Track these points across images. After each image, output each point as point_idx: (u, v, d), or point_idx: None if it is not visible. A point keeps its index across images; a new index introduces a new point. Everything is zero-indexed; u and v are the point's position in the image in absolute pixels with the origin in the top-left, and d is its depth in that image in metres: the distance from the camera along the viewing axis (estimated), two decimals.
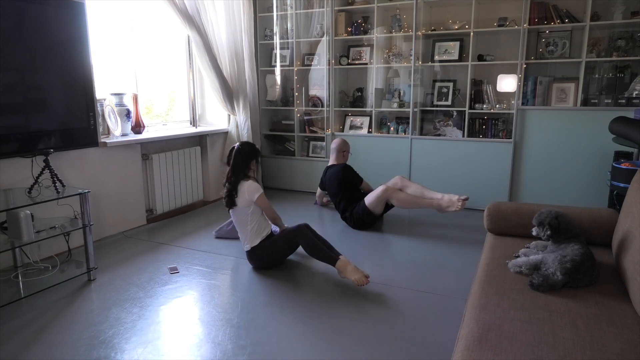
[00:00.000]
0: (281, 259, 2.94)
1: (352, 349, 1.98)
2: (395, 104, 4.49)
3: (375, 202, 3.48)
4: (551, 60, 3.89)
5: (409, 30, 4.26)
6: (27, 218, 2.35)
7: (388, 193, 3.45)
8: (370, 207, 3.50)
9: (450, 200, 3.39)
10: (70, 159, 3.09)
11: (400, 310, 2.32)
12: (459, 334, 1.42)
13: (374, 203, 3.48)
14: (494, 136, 4.11)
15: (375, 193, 3.48)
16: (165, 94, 4.31)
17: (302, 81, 4.88)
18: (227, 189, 2.84)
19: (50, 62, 2.81)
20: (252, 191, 2.79)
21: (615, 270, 1.82)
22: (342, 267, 2.61)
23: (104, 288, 2.60)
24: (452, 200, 3.37)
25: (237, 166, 2.84)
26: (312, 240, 2.73)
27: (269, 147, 5.15)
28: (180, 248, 3.26)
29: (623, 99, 3.66)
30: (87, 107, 3.03)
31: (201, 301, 2.46)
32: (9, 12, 2.55)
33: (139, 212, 3.69)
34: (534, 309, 1.49)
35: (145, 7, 3.85)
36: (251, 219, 2.83)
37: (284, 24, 4.82)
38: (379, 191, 3.46)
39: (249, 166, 2.88)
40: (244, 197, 2.79)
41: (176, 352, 1.97)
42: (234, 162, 2.85)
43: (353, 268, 2.58)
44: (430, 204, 3.45)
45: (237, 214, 2.85)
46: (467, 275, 2.64)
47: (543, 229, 1.86)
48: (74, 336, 2.09)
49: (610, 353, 1.25)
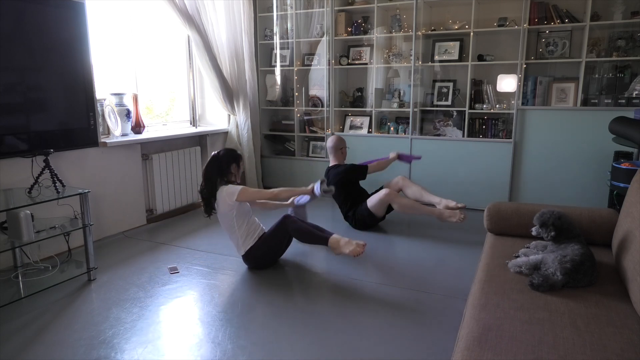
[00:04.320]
0: (276, 257, 2.93)
1: (352, 348, 1.98)
2: (395, 104, 4.49)
3: (378, 206, 3.49)
4: (551, 60, 3.89)
5: (409, 30, 4.26)
6: (27, 218, 2.35)
7: (390, 197, 3.44)
8: (373, 209, 3.50)
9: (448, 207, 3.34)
10: (70, 159, 3.09)
11: (400, 310, 2.32)
12: (459, 334, 1.42)
13: (377, 206, 3.49)
14: (494, 136, 4.11)
15: (378, 196, 3.47)
16: (165, 94, 4.31)
17: (302, 81, 4.88)
18: (203, 197, 2.79)
19: (50, 62, 2.81)
20: (231, 193, 2.70)
21: (615, 270, 1.82)
22: (335, 244, 2.64)
23: (104, 288, 2.60)
24: (454, 212, 3.32)
25: (210, 173, 2.78)
26: (300, 228, 2.74)
27: (269, 147, 5.15)
28: (180, 248, 3.26)
29: (623, 99, 3.67)
30: (87, 107, 3.03)
31: (201, 301, 2.46)
32: (9, 12, 2.55)
33: (139, 212, 3.69)
34: (534, 309, 1.49)
35: (145, 7, 3.85)
36: (238, 224, 2.78)
37: (284, 24, 4.82)
38: (381, 195, 3.45)
39: (229, 171, 2.80)
40: (224, 202, 2.72)
41: (176, 352, 1.97)
42: (206, 169, 2.79)
43: (346, 242, 2.61)
44: (431, 212, 3.39)
45: (222, 220, 2.81)
46: (467, 275, 2.64)
47: (547, 230, 1.85)
48: (74, 336, 2.09)
49: (610, 353, 1.25)
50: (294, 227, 2.75)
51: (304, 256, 3.06)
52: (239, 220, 2.78)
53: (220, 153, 2.83)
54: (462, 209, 3.33)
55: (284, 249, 2.93)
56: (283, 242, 2.87)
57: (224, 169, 2.79)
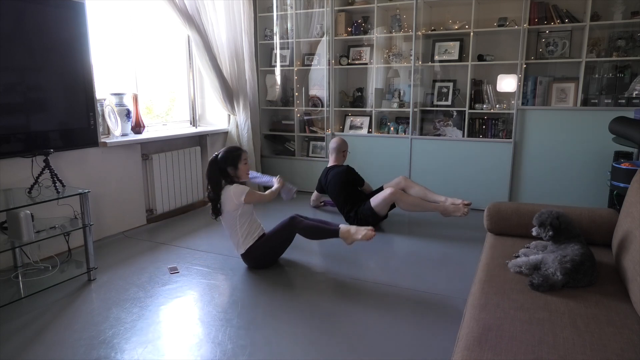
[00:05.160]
0: (276, 257, 2.94)
1: (352, 348, 1.98)
2: (395, 104, 4.49)
3: (382, 205, 3.50)
4: (551, 60, 3.89)
5: (409, 30, 4.26)
6: (27, 218, 2.35)
7: (396, 196, 3.46)
8: (377, 209, 3.51)
9: (454, 204, 3.42)
10: (70, 159, 3.09)
11: (400, 310, 2.32)
12: (459, 334, 1.42)
13: (381, 205, 3.50)
14: (494, 136, 4.11)
15: (382, 196, 3.48)
16: (165, 94, 4.31)
17: (302, 81, 4.88)
18: (210, 200, 2.82)
19: (50, 62, 2.81)
20: (239, 193, 2.72)
21: (615, 270, 1.82)
22: (346, 234, 2.73)
23: (104, 288, 2.60)
24: (458, 206, 3.39)
25: (212, 177, 2.79)
26: (308, 226, 2.76)
27: (269, 147, 5.15)
28: (180, 248, 3.26)
29: (623, 99, 3.66)
30: (87, 107, 3.03)
31: (201, 301, 2.46)
32: (9, 12, 2.55)
33: (139, 212, 3.69)
34: (534, 309, 1.49)
35: (145, 7, 3.85)
36: (240, 223, 2.79)
37: (284, 24, 4.81)
38: (386, 194, 3.47)
39: (228, 174, 2.80)
40: (231, 201, 2.73)
41: (176, 352, 1.97)
42: (207, 173, 2.81)
43: (355, 230, 2.72)
44: (435, 208, 3.47)
45: (225, 219, 2.82)
46: (467, 275, 2.64)
47: (545, 230, 1.86)
48: (74, 336, 2.09)
49: (610, 353, 1.25)
50: (302, 227, 2.77)
51: (304, 256, 3.06)
52: (242, 219, 2.80)
53: (218, 157, 2.81)
54: (468, 205, 3.40)
55: (283, 250, 2.93)
56: (285, 242, 2.88)
57: (223, 172, 2.79)
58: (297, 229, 2.78)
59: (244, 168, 2.84)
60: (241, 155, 2.84)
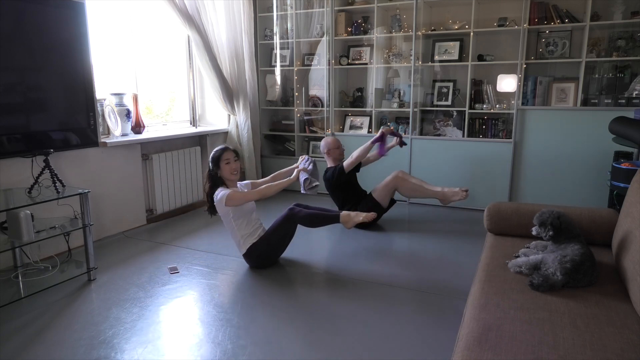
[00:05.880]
0: (277, 255, 2.94)
1: (352, 348, 1.98)
2: (395, 104, 4.49)
3: (384, 192, 3.55)
4: (551, 60, 3.89)
5: (409, 30, 4.26)
6: (27, 218, 2.35)
7: (397, 181, 3.55)
8: (379, 198, 3.56)
9: (452, 190, 3.52)
10: (70, 159, 3.09)
11: (400, 310, 2.32)
12: (459, 334, 1.42)
13: (383, 193, 3.55)
14: (494, 136, 4.11)
15: (384, 182, 3.56)
16: (165, 94, 4.31)
17: (302, 81, 4.88)
18: (207, 199, 2.85)
19: (50, 62, 2.81)
20: (220, 201, 2.71)
21: (615, 270, 1.82)
22: (346, 217, 2.78)
23: (104, 288, 2.60)
24: (456, 191, 3.50)
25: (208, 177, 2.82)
26: (308, 214, 2.77)
27: (269, 147, 5.15)
28: (180, 248, 3.26)
29: (623, 99, 3.66)
30: (87, 107, 3.03)
31: (201, 301, 2.46)
32: (9, 12, 2.55)
33: (139, 212, 3.69)
34: (534, 309, 1.49)
35: (145, 7, 3.85)
36: (237, 224, 2.79)
37: (284, 24, 4.82)
38: (387, 179, 3.55)
39: (217, 175, 2.78)
40: (220, 206, 2.75)
41: (176, 352, 1.97)
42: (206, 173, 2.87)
43: (355, 214, 2.77)
44: (435, 194, 3.57)
45: (223, 221, 2.85)
46: (467, 275, 2.64)
47: (545, 230, 1.86)
48: (74, 336, 2.09)
49: (610, 353, 1.25)
50: (302, 216, 2.76)
51: (304, 255, 3.06)
52: (238, 220, 2.79)
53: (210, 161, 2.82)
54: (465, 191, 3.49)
55: (285, 246, 2.94)
56: (286, 236, 2.88)
57: (213, 174, 2.80)
58: (298, 218, 2.77)
59: (226, 168, 2.76)
60: (221, 156, 2.75)
